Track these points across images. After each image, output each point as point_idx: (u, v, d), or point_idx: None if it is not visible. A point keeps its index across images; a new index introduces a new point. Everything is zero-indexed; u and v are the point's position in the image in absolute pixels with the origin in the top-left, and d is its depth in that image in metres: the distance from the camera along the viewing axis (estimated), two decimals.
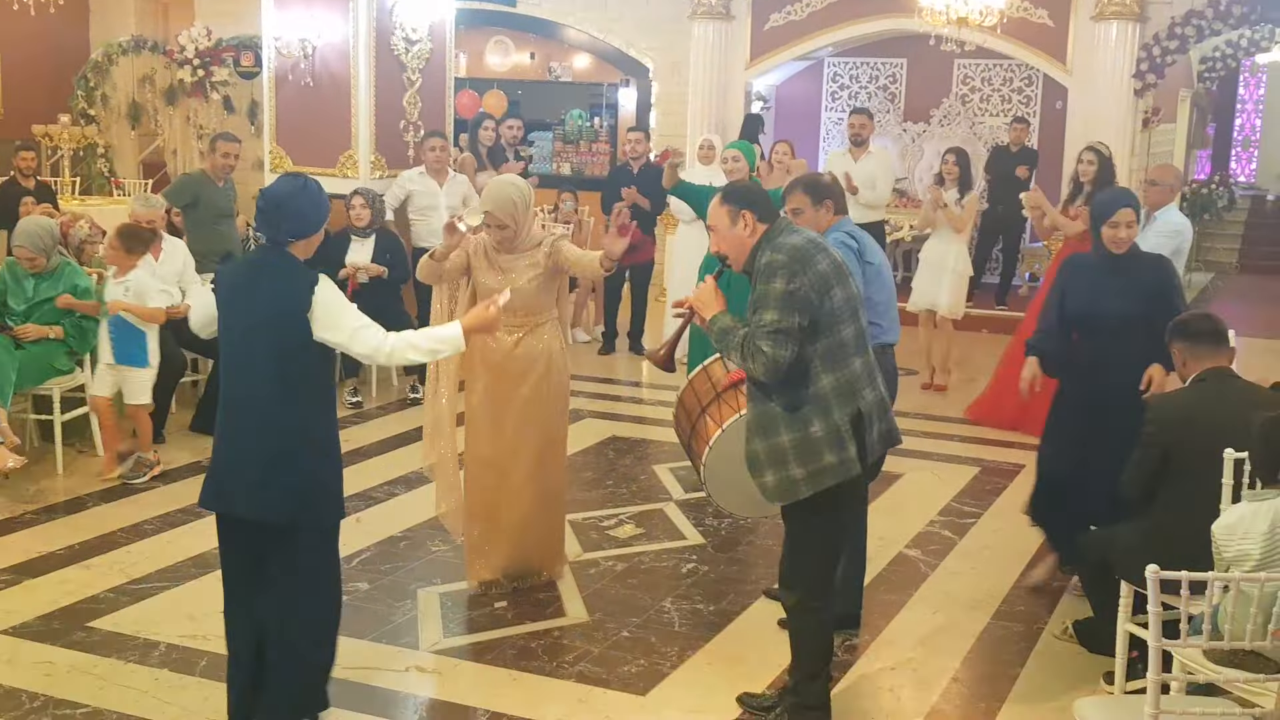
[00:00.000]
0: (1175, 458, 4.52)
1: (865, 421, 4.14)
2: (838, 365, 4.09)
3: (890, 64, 15.12)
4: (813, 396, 4.08)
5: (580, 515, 6.63)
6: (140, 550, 6.03)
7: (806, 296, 4.01)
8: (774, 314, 3.99)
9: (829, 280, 4.07)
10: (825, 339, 4.07)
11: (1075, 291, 5.44)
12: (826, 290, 4.06)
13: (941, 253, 9.46)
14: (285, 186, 4.15)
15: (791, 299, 4.00)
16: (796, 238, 4.14)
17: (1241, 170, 19.26)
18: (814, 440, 4.08)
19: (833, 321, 4.07)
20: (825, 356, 4.07)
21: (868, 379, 4.18)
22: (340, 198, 9.12)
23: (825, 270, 4.07)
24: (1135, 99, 12.03)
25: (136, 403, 7.08)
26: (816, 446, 4.08)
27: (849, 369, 4.11)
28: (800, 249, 4.08)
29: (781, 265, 4.03)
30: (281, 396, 4.03)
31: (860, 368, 4.15)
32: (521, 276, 5.36)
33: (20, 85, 14.07)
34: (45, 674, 4.76)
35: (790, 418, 4.10)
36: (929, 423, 8.50)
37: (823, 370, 4.07)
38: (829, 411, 4.08)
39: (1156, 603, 3.45)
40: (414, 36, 10.03)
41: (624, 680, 4.84)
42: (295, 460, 4.07)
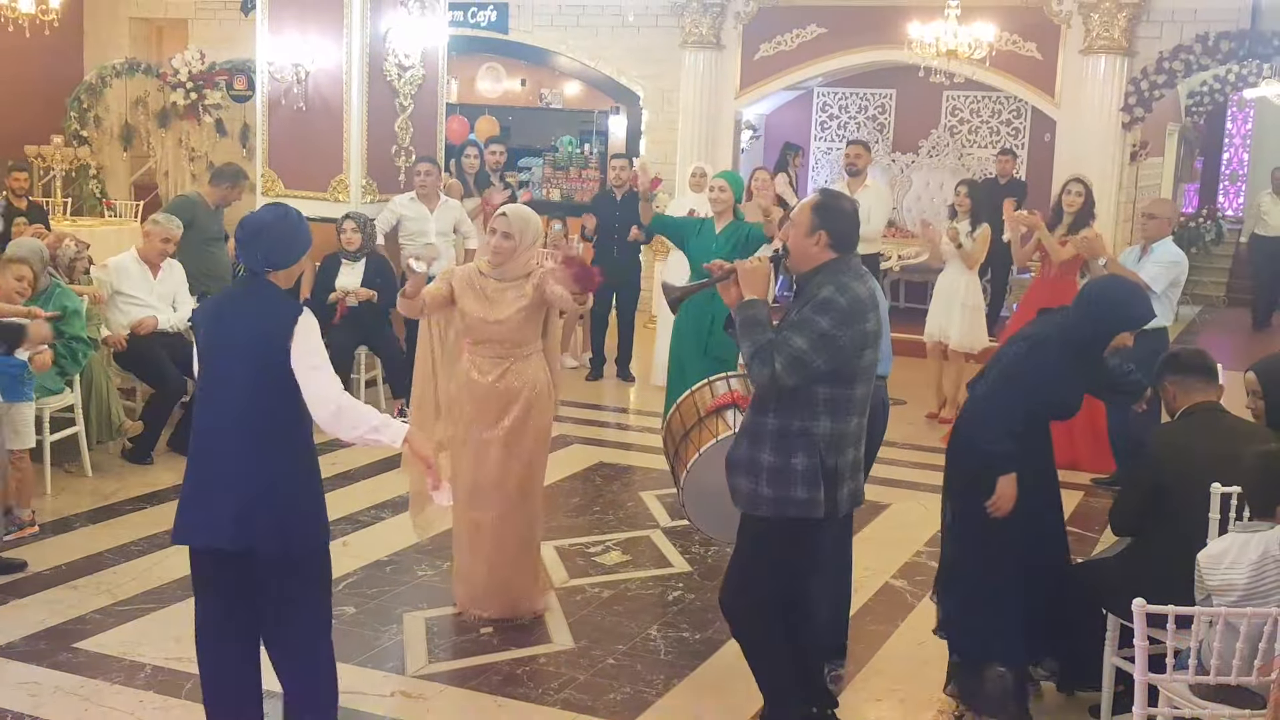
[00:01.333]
0: (1163, 491, 4.55)
1: (837, 477, 4.18)
2: (837, 416, 4.13)
3: (879, 94, 15.22)
4: (807, 432, 4.12)
5: (567, 541, 6.63)
6: (127, 571, 6.01)
7: (841, 347, 4.04)
8: (805, 343, 4.01)
9: (867, 341, 4.13)
10: (838, 389, 4.11)
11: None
12: (861, 349, 4.11)
13: (953, 286, 9.55)
14: (264, 215, 4.12)
15: (826, 343, 4.02)
16: (862, 288, 4.14)
17: (1229, 204, 19.36)
18: (792, 471, 4.12)
19: (851, 378, 4.12)
20: (830, 403, 4.11)
21: (855, 440, 4.23)
22: (331, 222, 9.15)
23: (869, 331, 4.13)
24: (1123, 132, 12.13)
25: (17, 447, 6.44)
26: (791, 478, 4.13)
27: (846, 424, 4.16)
28: (860, 303, 4.09)
29: (837, 310, 4.04)
30: (260, 425, 3.96)
31: (855, 428, 4.21)
32: (509, 307, 5.35)
33: (14, 106, 14.08)
34: (30, 694, 4.74)
35: (779, 442, 4.14)
36: (916, 453, 8.52)
37: (824, 413, 4.11)
38: (814, 452, 4.12)
39: (1143, 636, 3.46)
40: (406, 62, 10.07)
41: (610, 708, 4.84)
42: (280, 490, 3.99)
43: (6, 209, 10.45)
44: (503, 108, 16.71)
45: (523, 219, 5.40)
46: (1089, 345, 4.72)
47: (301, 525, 4.07)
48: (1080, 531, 7.13)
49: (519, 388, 5.41)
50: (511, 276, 5.39)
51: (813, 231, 4.17)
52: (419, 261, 5.33)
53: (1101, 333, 4.75)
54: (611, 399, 10.33)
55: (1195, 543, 4.23)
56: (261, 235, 4.04)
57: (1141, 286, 7.18)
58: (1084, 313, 4.72)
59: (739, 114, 13.86)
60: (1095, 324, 4.69)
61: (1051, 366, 4.62)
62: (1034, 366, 4.61)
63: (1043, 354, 4.63)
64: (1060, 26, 12.35)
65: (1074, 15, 12.18)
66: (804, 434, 4.11)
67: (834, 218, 4.19)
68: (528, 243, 5.39)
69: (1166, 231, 7.64)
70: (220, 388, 4.03)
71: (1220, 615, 3.62)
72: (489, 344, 5.40)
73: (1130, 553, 4.79)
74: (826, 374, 4.07)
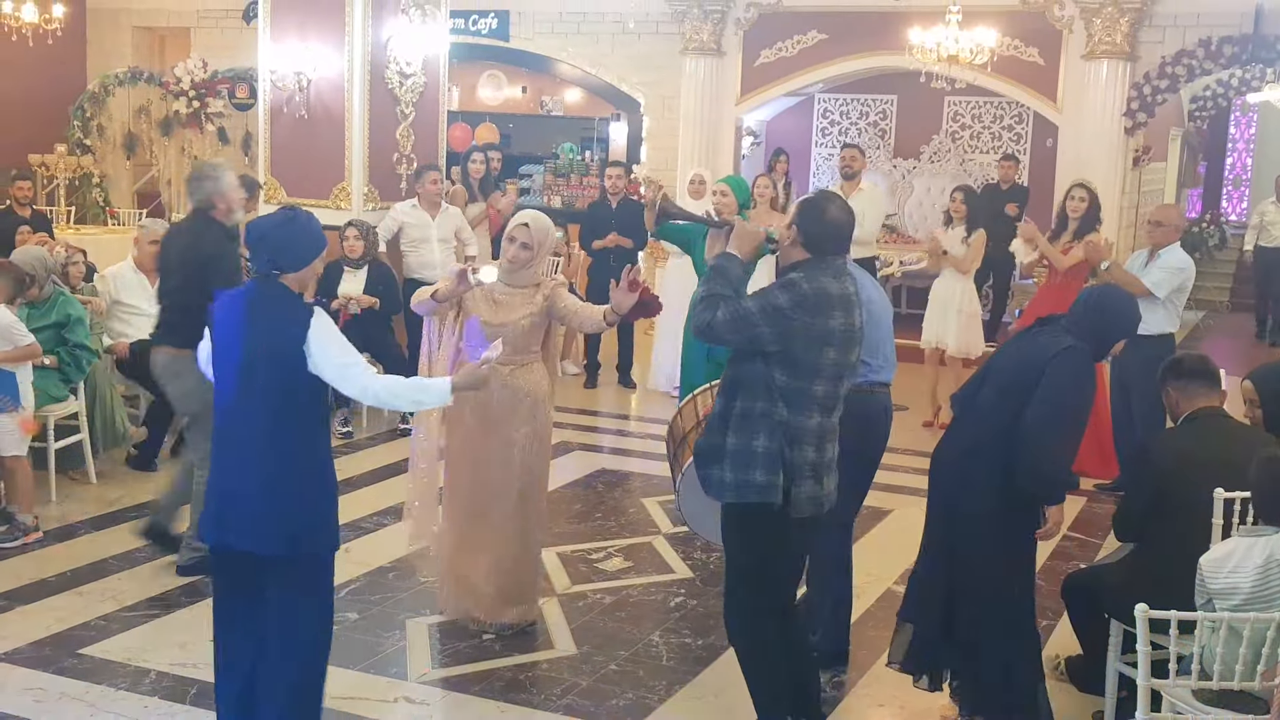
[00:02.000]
0: (1166, 497, 4.55)
1: (794, 472, 4.13)
2: (795, 408, 4.10)
3: (881, 100, 15.24)
4: (769, 414, 4.10)
5: (569, 548, 6.64)
6: (131, 578, 6.02)
7: (793, 329, 4.02)
8: (754, 306, 4.05)
9: (832, 337, 4.08)
10: (794, 380, 4.09)
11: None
12: (822, 345, 4.07)
13: (948, 292, 9.54)
14: (272, 219, 4.15)
15: (777, 316, 4.03)
16: (833, 284, 4.11)
17: (1233, 209, 19.37)
18: (753, 452, 4.11)
19: (811, 372, 4.09)
20: (787, 392, 4.09)
21: (815, 439, 4.16)
22: (334, 229, 9.16)
23: (834, 328, 4.08)
24: (1126, 137, 12.14)
25: (8, 453, 6.47)
26: (751, 460, 4.11)
27: (804, 419, 4.12)
28: (825, 296, 4.07)
29: (799, 295, 4.05)
30: (279, 429, 4.02)
31: (814, 426, 4.14)
32: (516, 313, 5.36)
33: (17, 115, 14.12)
34: (36, 700, 4.75)
35: (742, 423, 4.14)
36: (918, 459, 8.51)
37: (781, 401, 4.10)
38: (776, 436, 4.10)
39: (1146, 642, 3.47)
40: (408, 70, 10.09)
41: (612, 714, 4.84)
42: (294, 492, 4.05)
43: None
44: (504, 115, 16.76)
45: (543, 230, 5.40)
46: (1098, 356, 4.68)
47: (320, 529, 4.14)
48: (1083, 537, 7.13)
49: (520, 395, 5.40)
50: (521, 284, 5.40)
51: (790, 225, 4.22)
52: (476, 275, 5.33)
53: (1105, 342, 4.72)
54: (612, 405, 10.34)
55: (1198, 548, 4.23)
56: (266, 238, 4.07)
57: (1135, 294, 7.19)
58: (1089, 322, 4.63)
59: (740, 120, 13.89)
60: (1098, 333, 4.64)
61: (1090, 379, 4.51)
62: (1082, 385, 4.45)
63: (1084, 369, 4.45)
64: (1062, 31, 12.37)
65: (1076, 20, 12.21)
66: (765, 416, 4.10)
67: (808, 217, 4.20)
68: (545, 253, 5.43)
69: (1174, 238, 7.64)
70: (236, 392, 4.06)
71: (1223, 620, 3.63)
72: None
73: (1133, 558, 4.80)
74: (778, 357, 4.06)
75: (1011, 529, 4.49)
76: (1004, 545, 4.49)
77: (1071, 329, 4.55)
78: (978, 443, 4.47)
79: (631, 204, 10.67)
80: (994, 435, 4.40)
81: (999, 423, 4.39)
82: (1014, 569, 4.57)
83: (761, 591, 4.30)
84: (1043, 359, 4.39)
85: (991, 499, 4.41)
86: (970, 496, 4.46)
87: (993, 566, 4.48)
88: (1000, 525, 4.44)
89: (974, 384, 4.67)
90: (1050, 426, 4.31)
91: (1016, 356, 4.56)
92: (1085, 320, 4.58)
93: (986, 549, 4.46)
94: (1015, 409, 4.35)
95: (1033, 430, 4.29)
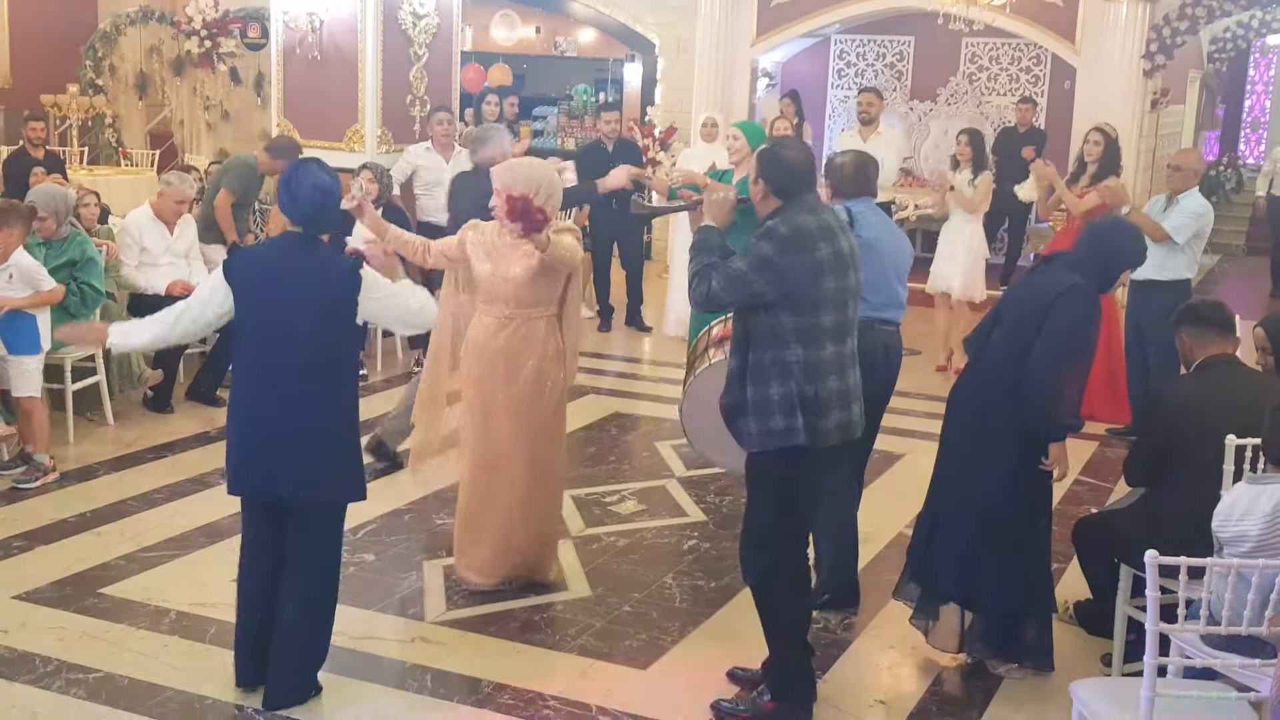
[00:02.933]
0: (1177, 442, 4.56)
1: (818, 405, 4.20)
2: (809, 344, 4.17)
3: (897, 42, 15.10)
4: (779, 361, 4.17)
5: (583, 491, 6.69)
6: (150, 518, 6.09)
7: (784, 272, 4.10)
8: (744, 265, 4.14)
9: (823, 267, 4.15)
10: (802, 318, 4.16)
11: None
12: (816, 276, 4.14)
13: (957, 235, 9.49)
14: (332, 176, 4.22)
15: (767, 266, 4.11)
16: (809, 219, 4.19)
17: (1250, 152, 19.21)
18: (770, 400, 4.18)
19: (814, 305, 4.16)
20: (798, 331, 4.16)
21: (836, 368, 4.24)
22: (348, 172, 9.15)
23: (822, 258, 4.15)
24: (1144, 80, 12.01)
25: (25, 394, 6.52)
26: (769, 407, 4.18)
27: (819, 352, 4.19)
28: (804, 232, 4.15)
29: (779, 237, 4.13)
30: (318, 378, 4.14)
31: (830, 355, 4.22)
32: (516, 265, 5.18)
33: (29, 55, 14.08)
34: (58, 639, 4.82)
35: (756, 375, 4.21)
36: (929, 403, 8.52)
37: (795, 342, 4.16)
38: (789, 379, 4.17)
39: (1155, 587, 3.49)
40: (421, 11, 10.04)
41: (625, 654, 4.90)
42: (332, 441, 4.21)
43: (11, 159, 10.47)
44: (517, 56, 16.65)
45: (531, 179, 5.08)
46: (1103, 289, 4.68)
47: (351, 476, 4.31)
48: (1095, 482, 7.16)
49: (523, 350, 5.22)
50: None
51: (757, 180, 4.30)
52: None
53: (1111, 274, 4.70)
54: (626, 349, 10.35)
55: (1209, 494, 4.25)
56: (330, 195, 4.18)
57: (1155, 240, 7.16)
58: (1094, 255, 4.64)
59: (755, 62, 13.77)
60: (1104, 266, 4.64)
61: (1094, 317, 4.55)
62: (1086, 322, 4.50)
63: (1088, 307, 4.50)
64: None
65: None
66: (777, 363, 4.17)
67: (769, 168, 4.28)
68: (540, 202, 5.06)
69: (1193, 183, 7.59)
70: (275, 343, 4.15)
71: (1232, 567, 3.65)
72: (497, 303, 5.23)
73: (1144, 504, 4.82)
74: (780, 301, 4.13)
75: (1028, 468, 4.58)
76: (1021, 484, 4.59)
77: (1077, 265, 4.58)
78: (993, 383, 4.54)
79: (628, 145, 10.61)
80: (1007, 375, 4.46)
81: (1011, 363, 4.46)
82: (1030, 508, 4.65)
83: (786, 520, 4.35)
84: (1047, 297, 4.46)
85: (1008, 439, 4.51)
86: (987, 436, 4.55)
87: (1010, 505, 4.57)
88: (1017, 464, 4.55)
89: (985, 326, 4.73)
90: (1053, 365, 4.40)
91: (1023, 296, 4.63)
92: (1090, 254, 4.61)
93: (1003, 487, 4.55)
94: (1025, 348, 4.43)
95: (1036, 368, 4.39)
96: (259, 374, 4.22)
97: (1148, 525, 4.51)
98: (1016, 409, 4.46)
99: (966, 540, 4.64)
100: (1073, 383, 4.54)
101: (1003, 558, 4.62)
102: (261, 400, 4.21)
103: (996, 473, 4.56)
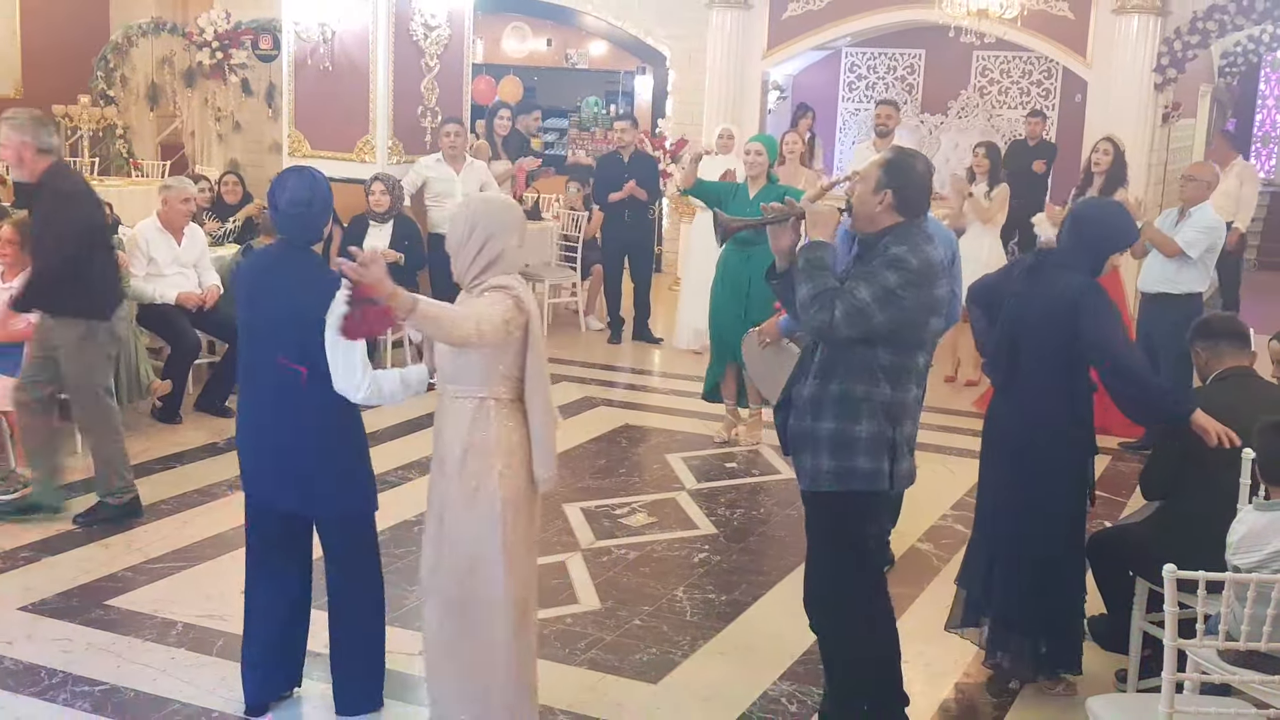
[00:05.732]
0: (1193, 456, 4.52)
1: (897, 449, 3.99)
2: (898, 385, 3.94)
3: (908, 55, 15.08)
4: (870, 397, 3.92)
5: (593, 503, 6.66)
6: (157, 530, 6.07)
7: (906, 309, 3.84)
8: (868, 295, 3.81)
9: (936, 308, 3.93)
10: (900, 356, 3.93)
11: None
12: (929, 316, 3.92)
13: (974, 246, 9.45)
14: (311, 186, 4.11)
15: (891, 300, 3.82)
16: (935, 252, 3.94)
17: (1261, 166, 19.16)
18: (854, 438, 3.93)
19: (914, 345, 3.95)
20: (891, 370, 3.92)
21: (914, 413, 4.04)
22: (359, 183, 9.15)
23: (939, 297, 3.92)
24: (1155, 93, 11.98)
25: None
26: (854, 445, 3.93)
27: (905, 394, 3.97)
28: (932, 267, 3.88)
29: (908, 270, 3.83)
30: (309, 389, 4.06)
31: (914, 399, 4.01)
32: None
33: (41, 66, 14.11)
34: (64, 650, 4.80)
35: (840, 408, 3.93)
36: (941, 416, 8.49)
37: (885, 380, 3.92)
38: (878, 418, 3.93)
39: (1173, 602, 3.44)
40: (433, 22, 10.04)
41: (636, 668, 4.87)
42: (327, 453, 4.16)
43: None
44: (528, 68, 16.67)
45: (466, 220, 3.88)
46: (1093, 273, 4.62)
47: (353, 487, 4.28)
48: (1109, 496, 7.11)
49: (445, 433, 3.96)
50: (470, 286, 3.94)
51: (878, 190, 3.95)
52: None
53: (1101, 259, 4.66)
54: (636, 361, 10.32)
55: (1225, 508, 4.21)
56: (313, 205, 4.09)
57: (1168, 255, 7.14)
58: (1081, 244, 4.59)
59: (766, 74, 13.76)
60: (1094, 252, 4.60)
61: (1113, 305, 4.58)
62: (1114, 316, 4.53)
63: (1106, 301, 4.51)
64: None
65: None
66: (867, 399, 3.90)
67: (903, 178, 3.94)
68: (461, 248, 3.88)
69: (1205, 196, 7.56)
70: (262, 353, 4.12)
71: (1251, 582, 3.60)
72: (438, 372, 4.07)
73: (1160, 517, 4.78)
74: (887, 337, 3.86)
75: (1082, 484, 4.63)
76: (1075, 500, 4.64)
77: (1066, 260, 4.54)
78: (1045, 409, 4.52)
79: (643, 157, 10.61)
80: (1055, 392, 4.50)
81: (1055, 391, 4.50)
82: (1079, 522, 4.70)
83: (864, 570, 4.17)
84: (1063, 307, 4.44)
85: (1063, 476, 4.57)
86: (1046, 460, 4.53)
87: (1062, 523, 4.61)
88: (1076, 483, 4.60)
89: (1003, 350, 4.65)
90: (1127, 367, 4.44)
91: (1036, 310, 4.54)
92: (1076, 242, 4.59)
93: (1061, 507, 4.59)
94: (1062, 360, 4.45)
95: (1119, 380, 4.44)
96: (248, 388, 4.26)
97: (1164, 539, 4.47)
98: (1067, 428, 4.51)
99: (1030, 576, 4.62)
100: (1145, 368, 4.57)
101: (1064, 591, 4.65)
102: (253, 413, 4.23)
103: (1056, 492, 4.58)
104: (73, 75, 13.96)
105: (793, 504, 6.68)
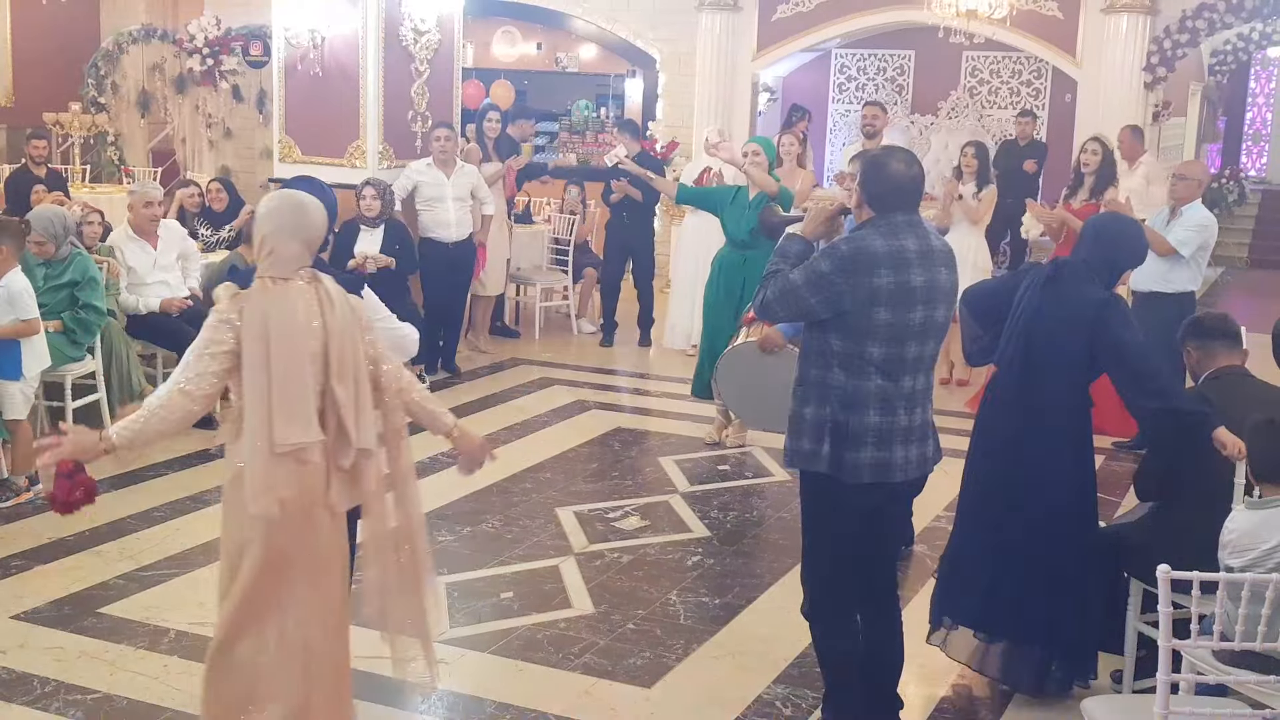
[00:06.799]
0: (1187, 456, 4.52)
1: (848, 436, 3.98)
2: (851, 373, 3.97)
3: (898, 56, 15.11)
4: (823, 382, 4.01)
5: (585, 506, 6.65)
6: (150, 537, 6.05)
7: (839, 293, 3.89)
8: (801, 278, 3.96)
9: (876, 298, 3.89)
10: (849, 343, 3.95)
11: None
12: (869, 306, 3.90)
13: (960, 247, 9.43)
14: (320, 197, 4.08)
15: (821, 284, 3.91)
16: (879, 242, 3.92)
17: (1252, 164, 19.23)
18: (801, 419, 4.06)
19: (861, 335, 3.93)
20: (844, 356, 3.96)
21: (879, 402, 3.99)
22: (350, 188, 9.13)
23: (878, 287, 3.88)
24: (1145, 92, 12.01)
25: (11, 417, 6.44)
26: (800, 426, 4.07)
27: (862, 383, 3.97)
28: (868, 255, 3.89)
29: (839, 256, 3.92)
30: None
31: (874, 390, 3.98)
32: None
33: (32, 74, 14.10)
34: (56, 659, 4.78)
35: (799, 390, 4.11)
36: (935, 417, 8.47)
37: (838, 366, 3.98)
38: (828, 403, 4.00)
39: (1167, 602, 3.44)
40: (423, 27, 10.02)
41: (629, 672, 4.86)
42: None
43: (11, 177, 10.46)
44: (518, 71, 16.65)
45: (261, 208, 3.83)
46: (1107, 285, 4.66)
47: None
48: (1102, 496, 7.04)
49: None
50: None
51: (857, 187, 4.13)
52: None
53: (1116, 272, 4.71)
54: (628, 364, 10.31)
55: (1220, 507, 4.21)
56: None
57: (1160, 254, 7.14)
58: (1098, 254, 4.63)
59: (756, 76, 13.77)
60: (1111, 264, 4.64)
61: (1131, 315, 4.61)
62: (1134, 325, 4.57)
63: (1126, 311, 4.56)
64: None
65: None
66: (819, 384, 4.02)
67: (868, 175, 4.06)
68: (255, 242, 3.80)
69: (1196, 194, 7.56)
70: None
71: (1246, 581, 3.60)
72: None
73: (1154, 517, 4.78)
74: (835, 324, 3.93)
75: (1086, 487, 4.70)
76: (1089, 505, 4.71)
77: (1083, 273, 4.57)
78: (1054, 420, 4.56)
79: (648, 159, 10.61)
80: (1066, 403, 4.55)
81: (1067, 391, 4.54)
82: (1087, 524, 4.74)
83: (819, 544, 4.19)
84: (1083, 320, 4.48)
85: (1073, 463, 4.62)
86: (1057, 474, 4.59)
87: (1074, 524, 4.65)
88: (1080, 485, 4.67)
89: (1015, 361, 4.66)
90: (1158, 374, 4.49)
91: (1055, 322, 4.54)
92: (1093, 251, 4.63)
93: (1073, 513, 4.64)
94: (1078, 372, 4.53)
95: (1158, 394, 4.46)
96: None
97: (1159, 539, 4.47)
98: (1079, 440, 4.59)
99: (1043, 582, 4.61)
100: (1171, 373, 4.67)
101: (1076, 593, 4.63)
102: None
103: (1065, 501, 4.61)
104: (63, 82, 13.95)
105: (785, 506, 6.69)
